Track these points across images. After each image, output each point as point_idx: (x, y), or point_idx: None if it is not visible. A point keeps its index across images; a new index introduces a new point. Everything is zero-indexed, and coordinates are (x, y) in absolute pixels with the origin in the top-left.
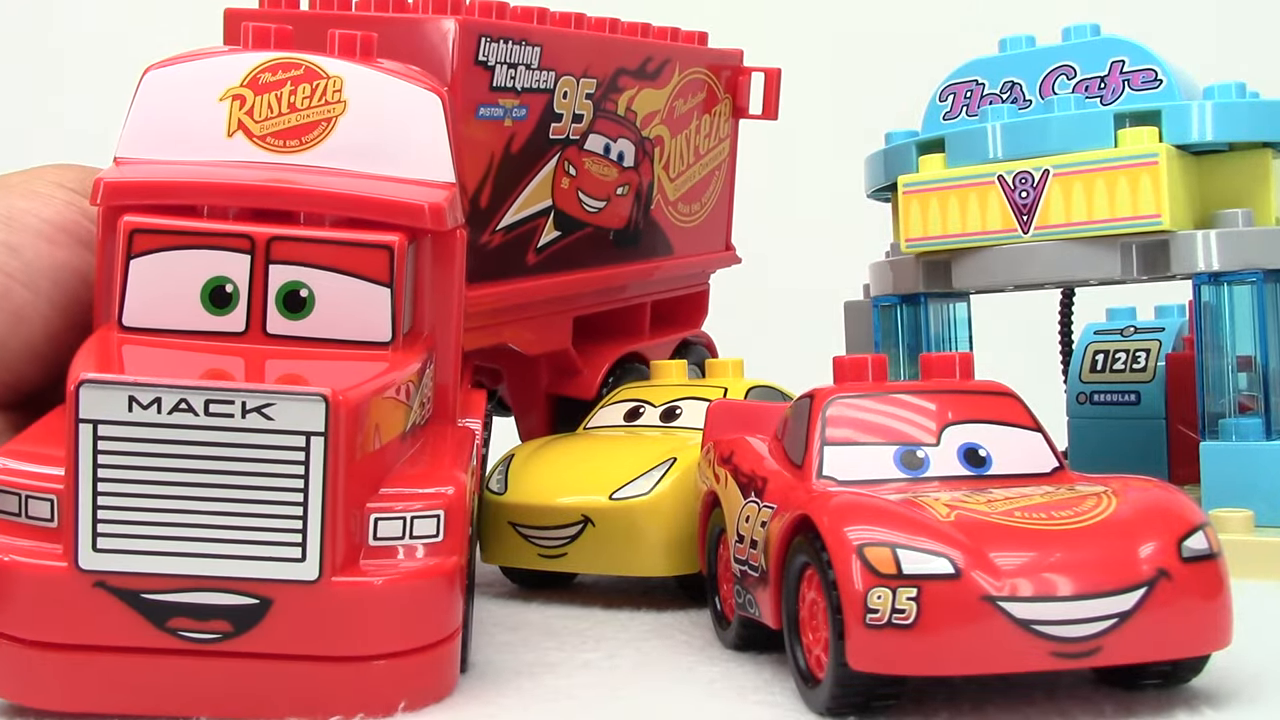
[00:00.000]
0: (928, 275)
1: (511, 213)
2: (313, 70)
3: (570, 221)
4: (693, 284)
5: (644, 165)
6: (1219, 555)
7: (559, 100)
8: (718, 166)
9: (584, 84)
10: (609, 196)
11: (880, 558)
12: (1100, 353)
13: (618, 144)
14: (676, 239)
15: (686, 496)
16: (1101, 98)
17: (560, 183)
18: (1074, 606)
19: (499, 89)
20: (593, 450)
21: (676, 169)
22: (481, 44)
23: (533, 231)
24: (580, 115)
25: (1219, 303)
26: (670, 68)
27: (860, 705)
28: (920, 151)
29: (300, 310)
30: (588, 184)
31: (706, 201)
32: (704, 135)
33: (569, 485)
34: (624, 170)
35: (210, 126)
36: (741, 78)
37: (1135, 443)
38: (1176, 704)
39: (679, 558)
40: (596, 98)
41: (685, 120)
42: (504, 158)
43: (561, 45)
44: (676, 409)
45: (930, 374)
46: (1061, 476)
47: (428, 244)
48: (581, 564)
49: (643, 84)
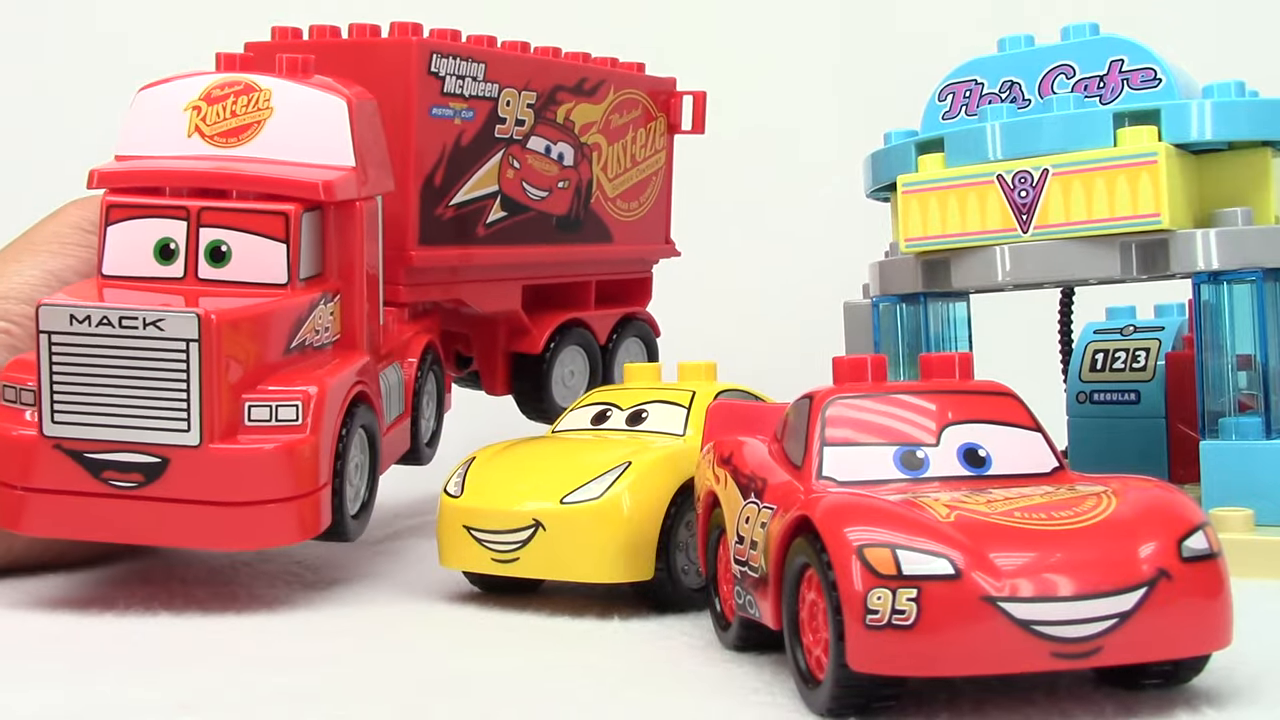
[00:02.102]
0: (927, 275)
1: (462, 193)
2: (250, 85)
3: (515, 205)
4: (636, 270)
5: (583, 165)
6: (1219, 555)
7: (503, 107)
8: (655, 173)
9: (525, 95)
10: (551, 188)
11: (880, 558)
12: (1100, 352)
13: (557, 146)
14: (616, 230)
15: (643, 501)
16: (1100, 97)
17: (506, 173)
18: (1074, 607)
19: (449, 94)
20: (552, 453)
21: (614, 171)
22: (434, 59)
23: (482, 210)
24: (522, 120)
25: (1219, 302)
26: (606, 87)
27: (860, 706)
28: (919, 151)
29: (221, 260)
30: (531, 176)
31: (645, 201)
32: (640, 145)
33: (523, 489)
34: (564, 168)
35: (176, 130)
36: (674, 100)
37: (1135, 442)
38: (1177, 704)
39: (633, 564)
40: (537, 107)
41: (621, 131)
42: (454, 149)
43: (504, 64)
44: (643, 413)
45: (930, 374)
46: (1061, 476)
47: (332, 212)
48: (533, 569)
49: (580, 99)
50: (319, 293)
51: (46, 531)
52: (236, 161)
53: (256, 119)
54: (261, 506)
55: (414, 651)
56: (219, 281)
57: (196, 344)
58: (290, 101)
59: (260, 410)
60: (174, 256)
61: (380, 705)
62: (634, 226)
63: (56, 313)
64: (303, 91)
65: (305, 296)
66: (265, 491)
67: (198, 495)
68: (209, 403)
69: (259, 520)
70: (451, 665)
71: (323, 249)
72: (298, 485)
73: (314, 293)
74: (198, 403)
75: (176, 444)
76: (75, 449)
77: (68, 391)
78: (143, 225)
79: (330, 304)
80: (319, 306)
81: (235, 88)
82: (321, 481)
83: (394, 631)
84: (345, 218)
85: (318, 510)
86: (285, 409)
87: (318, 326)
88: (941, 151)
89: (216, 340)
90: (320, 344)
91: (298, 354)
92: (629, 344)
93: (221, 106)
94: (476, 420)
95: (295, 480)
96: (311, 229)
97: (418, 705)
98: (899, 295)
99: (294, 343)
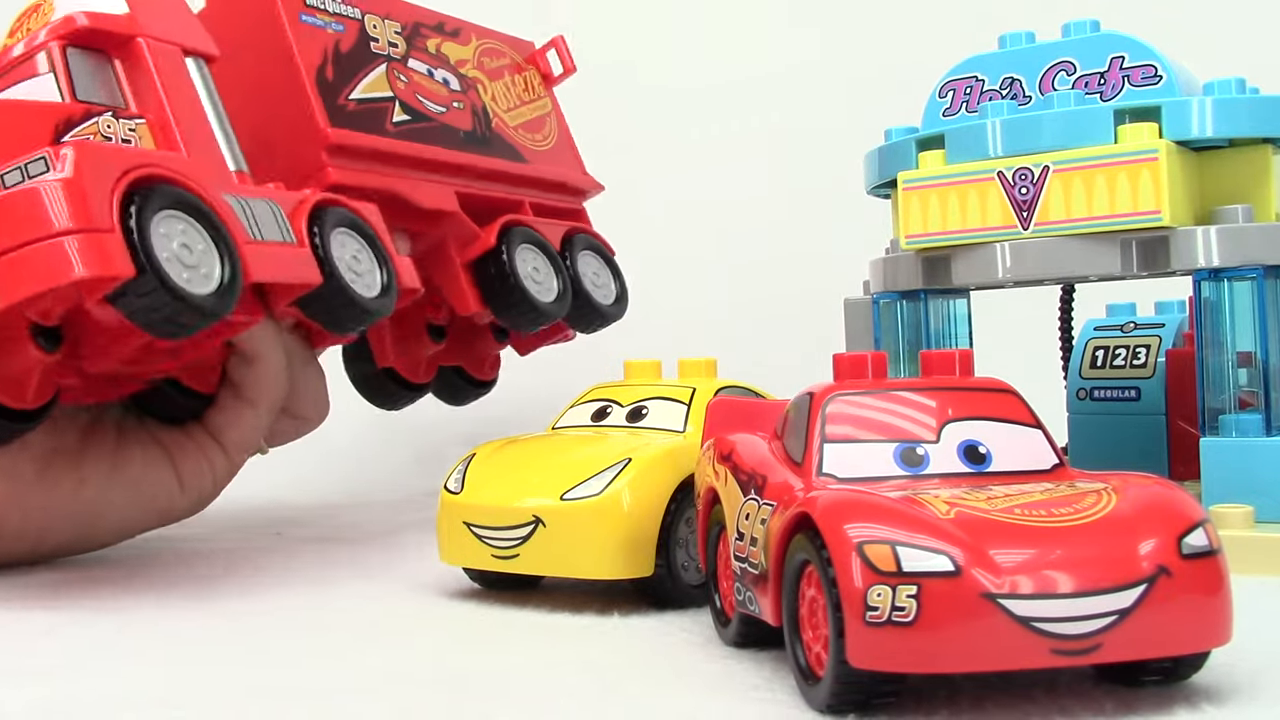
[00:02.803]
0: (927, 272)
1: (358, 90)
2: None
3: (416, 113)
4: (565, 201)
5: (471, 93)
6: (1219, 551)
7: (370, 28)
8: (546, 114)
9: (389, 24)
10: (447, 105)
11: (880, 555)
12: (1100, 349)
13: (440, 71)
14: (528, 154)
15: (643, 497)
16: (1101, 94)
17: (396, 84)
18: (1074, 604)
19: (313, 6)
20: (552, 450)
21: (506, 104)
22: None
23: (384, 110)
24: (395, 43)
25: (1219, 298)
26: (466, 33)
27: (860, 702)
28: (920, 148)
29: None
30: (423, 91)
31: (548, 135)
32: (521, 89)
33: (523, 485)
34: (453, 91)
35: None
36: (539, 54)
37: (1135, 439)
38: (1177, 701)
39: (633, 560)
40: (406, 35)
41: (498, 74)
42: (335, 51)
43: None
44: (643, 409)
45: (930, 371)
46: (1061, 473)
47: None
48: (533, 565)
49: (444, 38)
50: (104, 107)
51: None
52: None
53: (44, 22)
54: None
55: (414, 647)
56: None
57: None
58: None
59: (13, 175)
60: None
61: (380, 701)
62: (545, 154)
63: None
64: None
65: (80, 107)
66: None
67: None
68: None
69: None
70: (451, 661)
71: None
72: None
73: (94, 107)
74: None
75: None
76: None
77: None
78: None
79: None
80: (104, 117)
81: (31, 11)
82: (101, 223)
83: (394, 627)
84: (132, 56)
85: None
86: (35, 164)
87: (106, 133)
88: (942, 148)
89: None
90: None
91: None
92: (585, 258)
93: (22, 28)
94: (477, 419)
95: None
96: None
97: (417, 701)
98: (899, 292)
99: (68, 137)
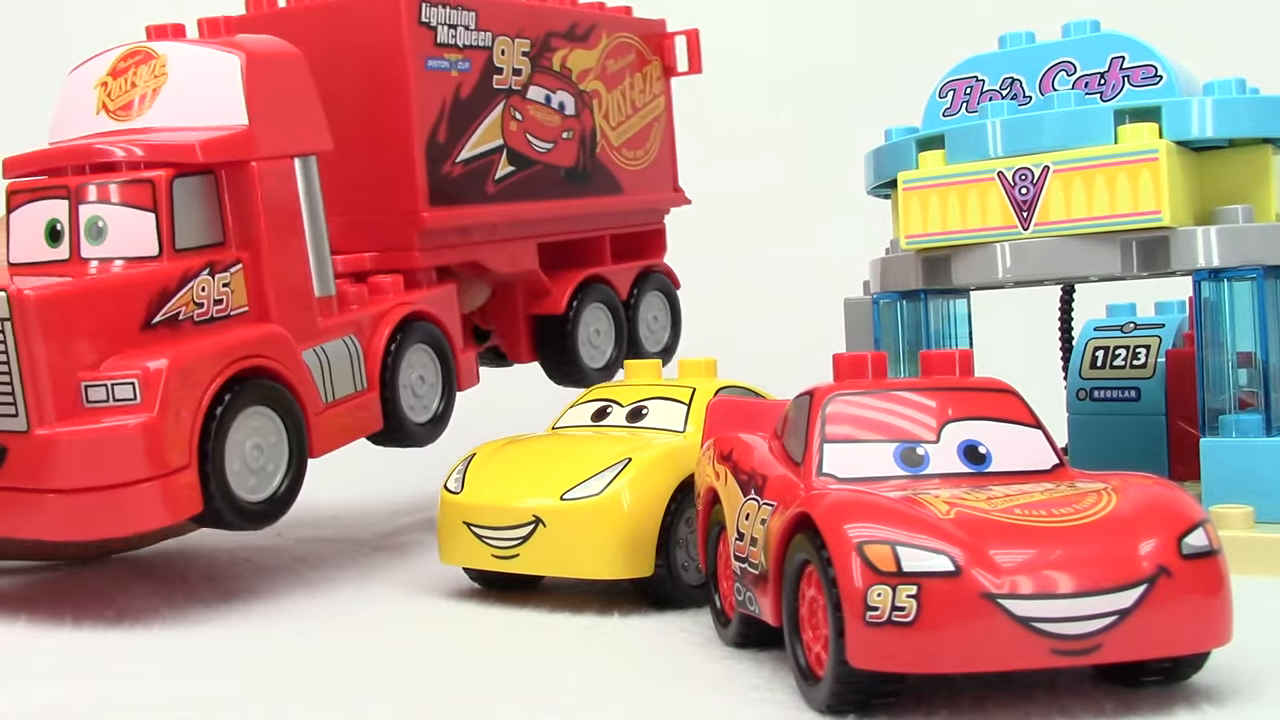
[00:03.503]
0: (927, 272)
1: (468, 148)
2: (148, 53)
3: (522, 159)
4: (648, 222)
5: (584, 114)
6: (1219, 552)
7: (498, 56)
8: (656, 119)
9: (519, 43)
10: (556, 139)
11: (880, 555)
12: (1100, 349)
13: (557, 95)
14: (625, 179)
15: (643, 497)
16: (1101, 94)
17: (509, 125)
18: (1074, 604)
19: (443, 45)
20: (552, 450)
21: (616, 119)
22: (423, 9)
23: (489, 165)
24: (519, 70)
25: (1219, 299)
26: (598, 32)
27: (860, 703)
28: (920, 148)
29: (99, 237)
30: (534, 128)
31: (649, 149)
32: (638, 91)
33: (523, 485)
34: (566, 118)
35: (86, 108)
36: (666, 41)
37: (1135, 439)
38: (1177, 701)
39: (632, 560)
40: (533, 55)
41: (619, 77)
42: (454, 102)
43: (495, 10)
44: (643, 409)
45: (930, 371)
46: (1061, 473)
47: (224, 175)
48: (533, 565)
49: (574, 45)
50: (203, 262)
51: None
52: (130, 134)
53: (153, 88)
54: (102, 493)
55: (413, 647)
56: (98, 259)
57: (9, 324)
58: (184, 64)
59: (97, 391)
60: (60, 238)
61: (379, 702)
62: (642, 175)
63: None
64: (196, 52)
65: (177, 268)
66: (101, 476)
67: (35, 483)
68: (31, 385)
69: (102, 507)
70: (451, 661)
71: (221, 217)
72: (138, 468)
73: (193, 262)
74: (19, 386)
75: (9, 429)
76: None
77: None
78: (35, 209)
79: (225, 274)
80: (201, 277)
81: (136, 59)
82: (171, 465)
83: (393, 627)
84: (242, 182)
85: (172, 495)
86: (121, 387)
87: (200, 299)
88: (942, 148)
89: (34, 320)
90: (207, 318)
91: (167, 328)
92: (650, 299)
93: (124, 79)
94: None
95: (133, 464)
96: (195, 195)
97: (417, 701)
98: (899, 292)
99: (159, 317)
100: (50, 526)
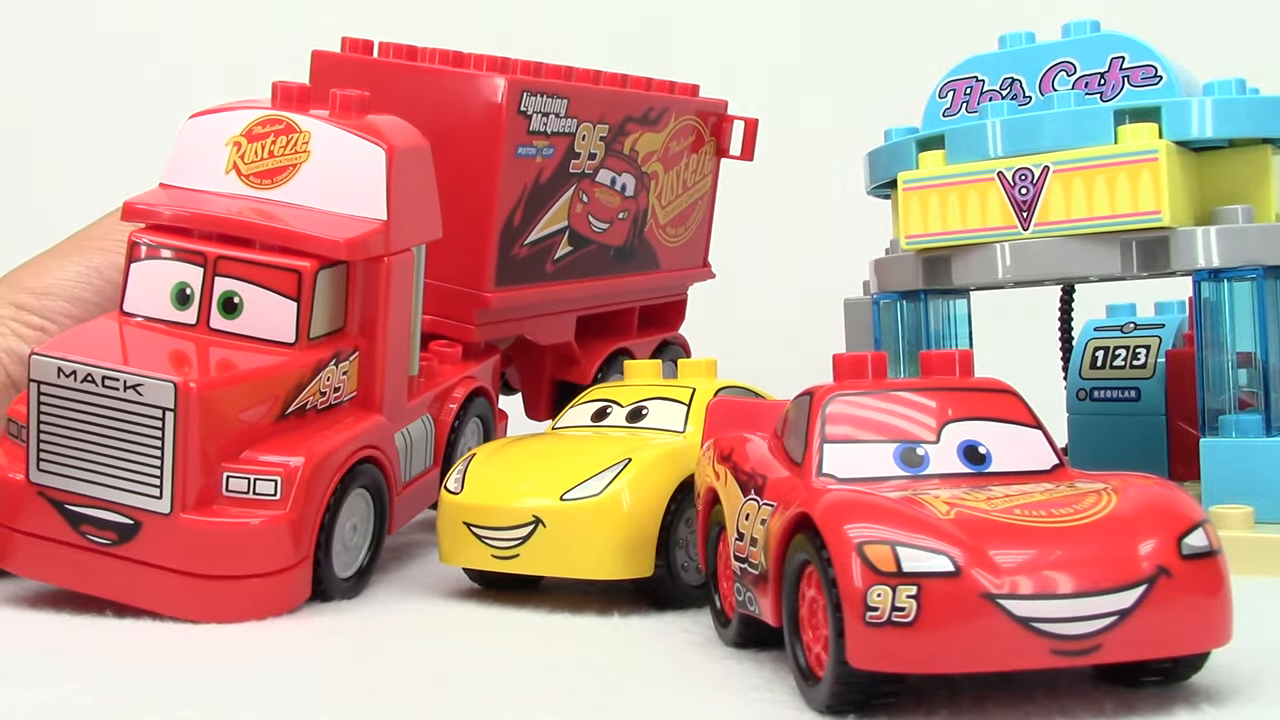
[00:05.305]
0: (928, 272)
1: (537, 230)
2: (290, 125)
3: (581, 239)
4: (674, 293)
5: (641, 195)
6: (1219, 552)
7: (579, 142)
8: (701, 197)
9: (599, 129)
10: (612, 220)
11: (880, 555)
12: (1100, 349)
13: (622, 177)
14: (663, 255)
15: (643, 498)
16: (1101, 94)
17: (575, 208)
18: (1074, 604)
19: (534, 133)
20: (552, 450)
21: (667, 199)
22: (524, 97)
23: (551, 246)
24: (595, 154)
25: (1219, 299)
26: (668, 115)
27: (860, 703)
28: (920, 148)
29: (233, 312)
30: (596, 209)
31: (689, 226)
32: (691, 171)
33: (523, 486)
34: (625, 199)
35: (215, 165)
36: (725, 124)
37: (1135, 439)
38: (1177, 701)
39: (632, 560)
40: (608, 139)
41: (677, 158)
42: (534, 187)
43: (584, 98)
44: (643, 409)
45: (930, 371)
46: (1061, 474)
47: (358, 268)
48: (533, 565)
49: (645, 129)
50: (331, 352)
51: (29, 573)
52: (267, 205)
53: (293, 162)
54: (232, 581)
55: (414, 647)
56: (228, 334)
57: (172, 413)
58: (328, 146)
59: (238, 482)
60: (189, 302)
61: (380, 701)
62: (678, 252)
63: (45, 364)
64: (342, 137)
65: (312, 357)
66: (234, 566)
67: (167, 562)
68: (181, 472)
69: (229, 594)
70: (451, 661)
71: (345, 304)
72: (269, 562)
73: (324, 352)
74: (170, 471)
75: (148, 509)
76: (57, 499)
77: (52, 442)
78: (163, 266)
79: (345, 363)
80: (328, 368)
81: (276, 126)
82: (298, 558)
83: (394, 627)
84: (372, 274)
85: (293, 585)
86: (264, 483)
87: (324, 388)
88: (942, 148)
89: (195, 410)
90: (326, 405)
91: (296, 418)
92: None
93: (260, 145)
94: None
95: (266, 557)
96: (331, 285)
97: (417, 701)
98: (899, 292)
99: (292, 407)
100: (180, 606)
